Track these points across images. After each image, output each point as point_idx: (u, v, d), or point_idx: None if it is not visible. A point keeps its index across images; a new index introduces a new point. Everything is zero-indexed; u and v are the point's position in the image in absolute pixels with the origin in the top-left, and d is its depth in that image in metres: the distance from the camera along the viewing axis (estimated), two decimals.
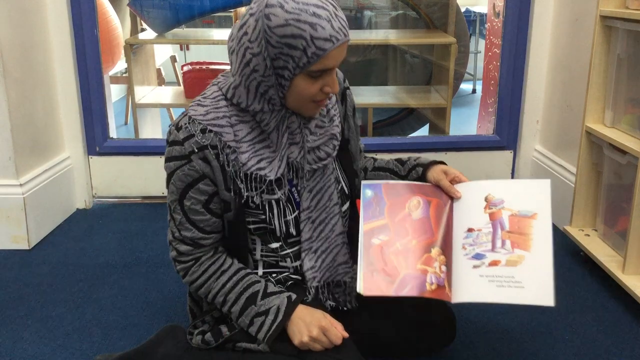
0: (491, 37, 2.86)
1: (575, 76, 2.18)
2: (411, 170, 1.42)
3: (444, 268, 1.26)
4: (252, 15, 1.14)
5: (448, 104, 2.84)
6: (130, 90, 3.02)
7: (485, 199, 1.31)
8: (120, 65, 3.37)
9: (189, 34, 3.18)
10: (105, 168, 2.51)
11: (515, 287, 1.20)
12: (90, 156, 2.49)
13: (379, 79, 3.45)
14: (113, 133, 2.58)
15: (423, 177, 1.38)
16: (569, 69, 2.23)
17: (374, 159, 1.51)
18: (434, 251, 1.27)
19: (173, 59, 4.02)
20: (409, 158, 1.45)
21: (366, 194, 1.33)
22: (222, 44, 2.66)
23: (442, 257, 1.27)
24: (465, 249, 1.27)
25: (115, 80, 3.76)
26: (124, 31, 3.29)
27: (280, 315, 1.23)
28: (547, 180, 1.31)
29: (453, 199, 1.34)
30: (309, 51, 1.11)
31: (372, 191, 1.33)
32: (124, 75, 3.74)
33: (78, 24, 2.32)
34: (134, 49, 2.95)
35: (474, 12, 4.87)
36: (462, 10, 3.42)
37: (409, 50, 3.36)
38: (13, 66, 2.05)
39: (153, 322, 1.66)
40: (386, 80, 3.45)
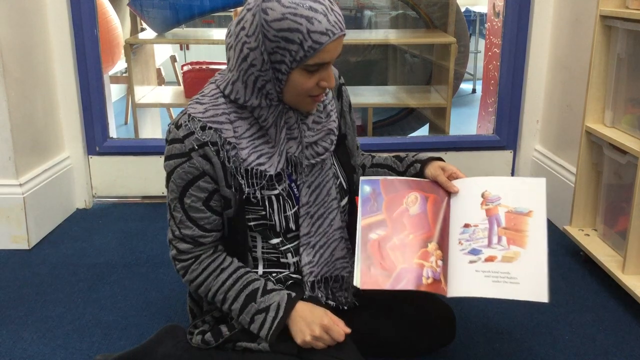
0: (491, 37, 2.86)
1: (575, 76, 2.18)
2: (409, 167, 1.43)
3: (440, 263, 1.27)
4: (250, 10, 1.16)
5: (448, 104, 2.84)
6: (130, 90, 3.02)
7: (482, 196, 1.32)
8: (120, 65, 3.37)
9: (188, 33, 3.18)
10: (105, 168, 2.51)
11: (510, 283, 1.22)
12: (90, 156, 2.49)
13: (378, 79, 3.45)
14: (113, 133, 2.58)
15: (421, 173, 1.39)
16: (569, 69, 2.23)
17: (372, 155, 1.52)
18: (431, 246, 1.29)
19: (173, 58, 4.02)
20: (407, 154, 1.46)
21: (364, 189, 1.34)
22: (222, 44, 2.64)
23: (439, 252, 1.28)
24: (462, 244, 1.28)
25: (115, 80, 3.76)
26: (124, 31, 3.29)
27: (281, 311, 1.23)
28: (543, 179, 1.32)
29: (450, 194, 1.35)
30: (306, 45, 1.13)
31: (370, 187, 1.34)
32: (124, 75, 3.74)
33: (78, 24, 2.32)
34: (133, 48, 2.95)
35: (474, 12, 4.87)
36: (462, 10, 3.42)
37: (409, 50, 3.36)
38: (13, 66, 2.05)
39: (153, 322, 1.65)
40: (386, 80, 3.45)
